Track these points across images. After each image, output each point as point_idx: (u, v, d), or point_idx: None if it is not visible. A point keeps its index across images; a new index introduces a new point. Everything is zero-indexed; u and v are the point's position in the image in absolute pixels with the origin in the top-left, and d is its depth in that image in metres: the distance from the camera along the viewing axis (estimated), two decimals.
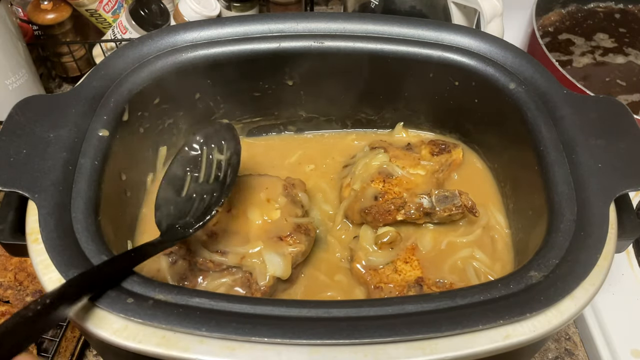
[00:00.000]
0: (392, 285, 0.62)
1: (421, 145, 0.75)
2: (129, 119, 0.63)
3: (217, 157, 0.61)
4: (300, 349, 0.44)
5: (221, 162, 0.61)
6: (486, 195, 0.73)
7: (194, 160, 0.61)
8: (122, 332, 0.44)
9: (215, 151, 0.61)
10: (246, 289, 0.60)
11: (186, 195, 0.59)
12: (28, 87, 0.91)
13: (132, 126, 0.65)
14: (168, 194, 0.58)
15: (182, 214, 0.57)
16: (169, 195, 0.58)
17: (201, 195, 0.59)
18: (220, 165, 0.60)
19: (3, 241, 0.52)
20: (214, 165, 0.61)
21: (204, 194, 0.59)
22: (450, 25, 0.71)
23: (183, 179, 0.60)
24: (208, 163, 0.61)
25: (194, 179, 0.60)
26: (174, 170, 0.60)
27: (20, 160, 0.54)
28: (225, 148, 0.61)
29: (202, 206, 0.58)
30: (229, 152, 0.61)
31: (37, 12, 0.96)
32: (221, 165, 0.60)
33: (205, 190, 0.59)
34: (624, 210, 0.55)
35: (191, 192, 0.59)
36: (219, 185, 0.59)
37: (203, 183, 0.60)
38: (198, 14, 0.96)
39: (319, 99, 0.77)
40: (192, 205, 0.58)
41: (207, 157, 0.61)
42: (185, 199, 0.59)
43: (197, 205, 0.58)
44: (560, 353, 0.74)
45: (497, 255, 0.67)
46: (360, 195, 0.68)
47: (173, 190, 0.59)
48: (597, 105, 0.62)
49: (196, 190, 0.59)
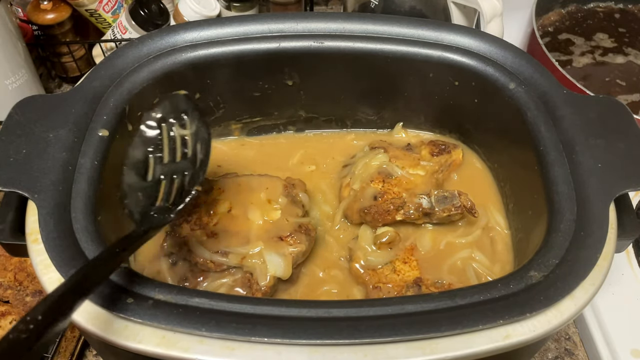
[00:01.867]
0: (390, 285, 0.62)
1: (421, 146, 0.75)
2: (128, 119, 0.63)
3: (180, 133, 0.56)
4: (300, 349, 0.44)
5: (186, 138, 0.56)
6: (486, 195, 0.73)
7: (153, 140, 0.56)
8: (122, 332, 0.44)
9: (177, 126, 0.56)
10: (247, 290, 0.60)
11: (152, 179, 0.54)
12: (28, 87, 0.91)
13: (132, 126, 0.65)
14: (132, 179, 0.54)
15: (153, 200, 0.53)
16: (133, 181, 0.54)
17: (170, 177, 0.55)
18: (185, 141, 0.56)
19: (3, 241, 0.52)
20: (177, 141, 0.56)
21: (173, 174, 0.55)
22: (450, 25, 0.71)
23: (145, 161, 0.55)
24: (170, 140, 0.56)
25: (157, 160, 0.55)
26: (134, 154, 0.55)
27: (20, 160, 0.54)
28: (188, 122, 0.57)
29: (175, 188, 0.54)
30: (194, 125, 0.57)
31: (36, 12, 0.96)
32: (186, 141, 0.56)
33: (174, 170, 0.55)
34: (623, 210, 0.55)
35: (157, 174, 0.55)
36: (189, 163, 0.55)
37: (169, 163, 0.55)
38: (198, 14, 0.96)
39: (319, 99, 0.77)
40: (161, 188, 0.54)
41: (167, 134, 0.56)
42: (152, 183, 0.54)
43: (167, 187, 0.54)
44: (560, 353, 0.74)
45: (496, 256, 0.67)
46: (359, 195, 0.68)
47: (137, 175, 0.54)
48: (597, 105, 0.62)
49: (163, 171, 0.55)
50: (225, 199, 0.65)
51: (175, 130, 0.56)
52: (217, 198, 0.65)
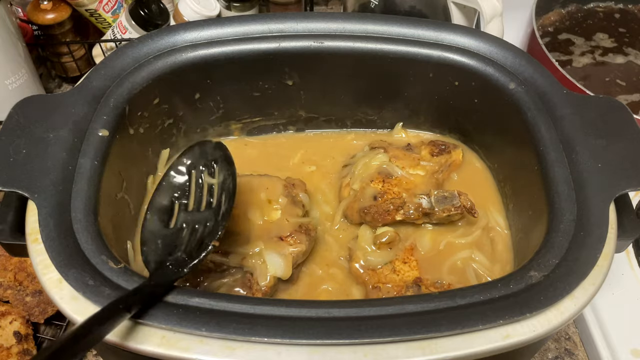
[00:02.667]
0: (390, 285, 0.62)
1: (421, 146, 0.75)
2: (128, 119, 0.63)
3: (208, 181, 0.56)
4: (300, 349, 0.44)
5: (212, 187, 0.55)
6: (486, 195, 0.73)
7: (181, 187, 0.55)
8: (122, 332, 0.44)
9: (205, 174, 0.56)
10: (247, 290, 0.60)
11: (175, 226, 0.54)
12: (28, 87, 0.91)
13: (132, 126, 0.65)
14: (154, 226, 0.53)
15: (172, 249, 0.52)
16: (156, 228, 0.53)
17: (192, 226, 0.53)
18: (212, 190, 0.55)
19: (3, 241, 0.52)
20: (204, 190, 0.55)
21: (196, 224, 0.53)
22: (450, 25, 0.71)
23: (170, 208, 0.55)
24: (197, 188, 0.55)
25: (182, 206, 0.55)
26: (159, 199, 0.54)
27: (20, 160, 0.54)
28: (217, 171, 0.56)
29: (195, 238, 0.53)
30: (222, 174, 0.56)
31: (36, 12, 0.96)
32: (213, 190, 0.55)
33: (197, 219, 0.54)
34: (623, 210, 0.55)
35: (180, 222, 0.54)
36: (212, 213, 0.54)
37: (193, 211, 0.55)
38: (198, 14, 0.96)
39: (319, 99, 0.77)
40: (182, 237, 0.53)
41: (196, 181, 0.56)
42: (174, 230, 0.53)
43: (188, 237, 0.53)
44: (560, 353, 0.74)
45: (496, 256, 0.67)
46: (359, 195, 0.68)
47: (160, 221, 0.53)
48: (597, 105, 0.62)
49: (186, 220, 0.54)
50: None
51: (204, 178, 0.56)
52: None
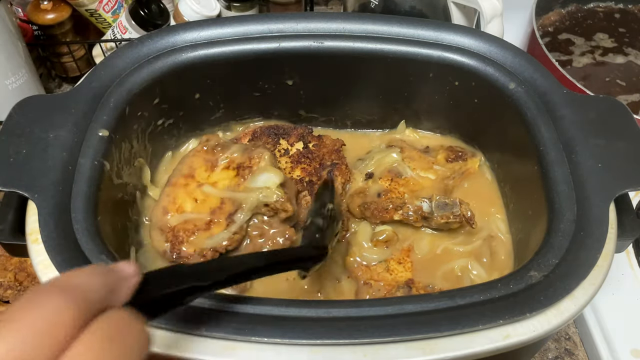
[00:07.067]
0: (382, 283, 0.62)
1: (439, 150, 0.75)
2: (128, 119, 0.63)
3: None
4: (300, 349, 0.44)
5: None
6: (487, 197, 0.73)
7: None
8: None
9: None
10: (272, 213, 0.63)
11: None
12: (28, 87, 0.91)
13: (132, 126, 0.65)
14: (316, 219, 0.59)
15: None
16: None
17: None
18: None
19: (3, 241, 0.52)
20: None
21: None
22: (450, 25, 0.71)
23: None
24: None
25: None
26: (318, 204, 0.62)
27: (20, 160, 0.54)
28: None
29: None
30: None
31: (37, 12, 0.96)
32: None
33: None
34: (623, 210, 0.55)
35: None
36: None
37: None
38: (198, 14, 0.96)
39: (319, 99, 0.77)
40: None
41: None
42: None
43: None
44: (560, 353, 0.74)
45: (495, 265, 0.66)
46: (364, 190, 0.69)
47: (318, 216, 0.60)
48: (597, 105, 0.62)
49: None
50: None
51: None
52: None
